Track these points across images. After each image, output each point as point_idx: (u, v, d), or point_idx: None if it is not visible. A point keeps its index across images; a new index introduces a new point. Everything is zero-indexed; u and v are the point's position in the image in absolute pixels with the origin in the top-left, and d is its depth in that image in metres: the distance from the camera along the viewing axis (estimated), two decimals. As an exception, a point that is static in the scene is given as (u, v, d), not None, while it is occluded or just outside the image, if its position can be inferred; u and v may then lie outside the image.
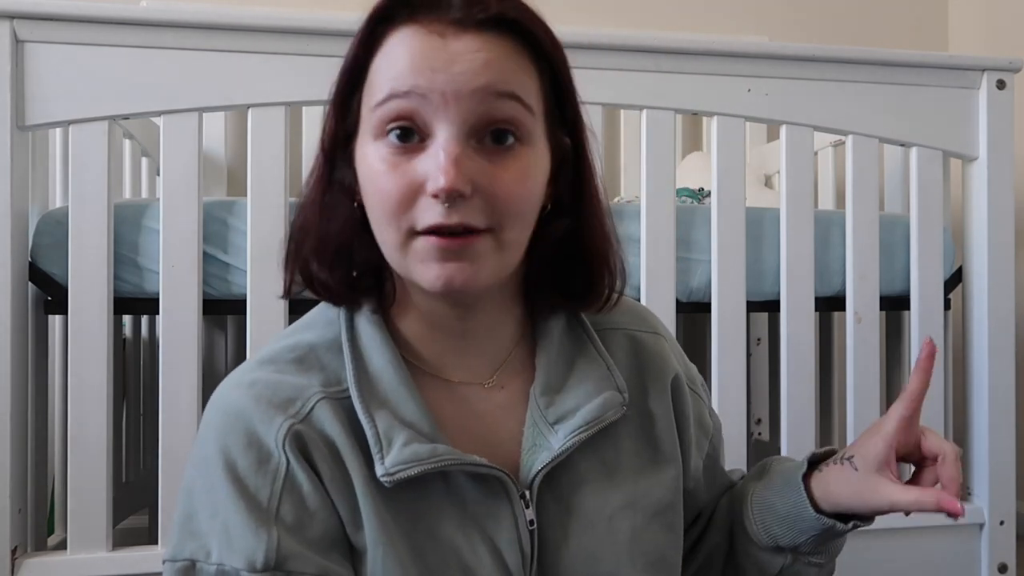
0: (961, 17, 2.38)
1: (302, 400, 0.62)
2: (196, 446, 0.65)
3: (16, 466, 1.13)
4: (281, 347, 0.67)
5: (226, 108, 1.20)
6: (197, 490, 0.63)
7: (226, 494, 0.61)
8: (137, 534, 1.61)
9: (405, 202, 0.58)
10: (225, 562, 0.60)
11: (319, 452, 0.61)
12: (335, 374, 0.64)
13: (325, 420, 0.62)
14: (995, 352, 1.41)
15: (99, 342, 1.14)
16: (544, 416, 0.65)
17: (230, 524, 0.60)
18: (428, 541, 0.62)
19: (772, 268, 1.36)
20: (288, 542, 0.60)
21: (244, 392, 0.63)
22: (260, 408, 0.62)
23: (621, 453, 0.69)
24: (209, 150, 1.85)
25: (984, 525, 1.39)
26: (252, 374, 0.65)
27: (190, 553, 0.61)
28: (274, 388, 0.63)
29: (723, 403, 1.32)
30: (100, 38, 1.14)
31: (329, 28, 1.20)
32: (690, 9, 2.26)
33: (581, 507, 0.66)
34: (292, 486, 0.61)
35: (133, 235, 1.19)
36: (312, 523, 0.61)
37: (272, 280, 1.18)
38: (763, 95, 1.33)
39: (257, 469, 0.61)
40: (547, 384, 0.67)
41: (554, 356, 0.68)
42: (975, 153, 1.41)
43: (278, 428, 0.61)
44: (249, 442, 0.61)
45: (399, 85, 0.58)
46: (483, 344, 0.68)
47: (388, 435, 0.61)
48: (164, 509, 1.16)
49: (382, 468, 0.60)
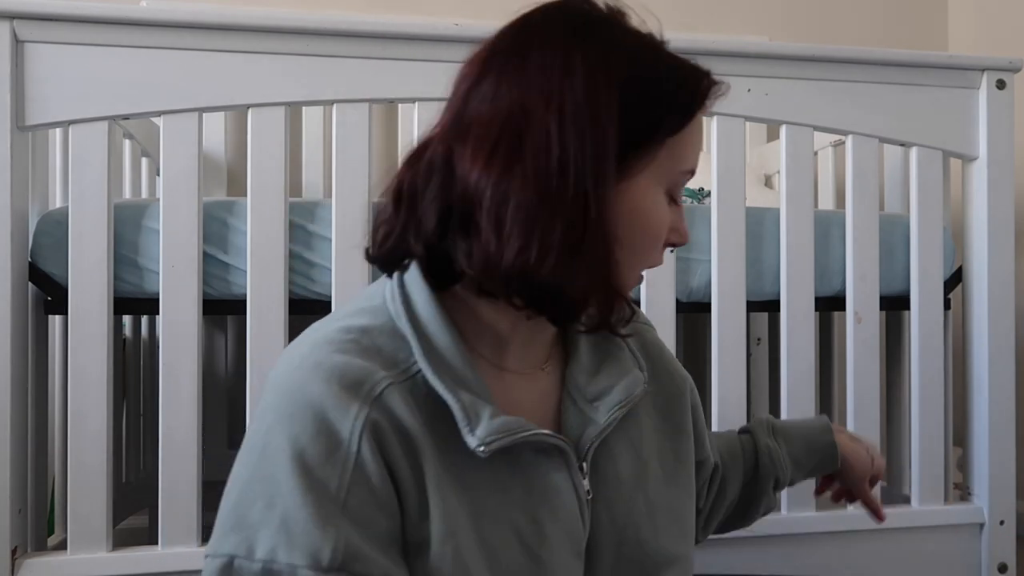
0: (961, 17, 2.38)
1: (371, 383, 0.60)
2: (253, 433, 0.61)
3: (16, 466, 1.13)
4: (335, 329, 0.64)
5: (226, 108, 1.20)
6: (251, 479, 0.59)
7: (290, 485, 0.57)
8: (137, 534, 1.61)
9: (661, 244, 0.68)
10: (278, 559, 0.56)
11: (391, 439, 0.60)
12: (392, 357, 0.63)
13: (395, 404, 0.60)
14: (995, 352, 1.41)
15: (99, 342, 1.14)
16: (584, 395, 0.70)
17: (291, 517, 0.57)
18: (491, 523, 0.63)
19: (772, 268, 1.36)
20: (355, 540, 0.57)
21: (311, 374, 0.60)
22: (331, 392, 0.59)
23: (643, 430, 0.74)
24: (209, 150, 1.85)
25: (984, 525, 1.39)
26: (315, 355, 0.61)
27: (231, 548, 0.58)
28: (342, 370, 0.60)
29: (723, 403, 1.32)
30: (100, 38, 1.14)
31: (329, 28, 1.20)
32: (690, 9, 2.26)
33: (617, 479, 0.70)
34: (362, 477, 0.58)
35: (133, 235, 1.19)
36: (378, 519, 0.59)
37: (272, 280, 1.18)
38: (763, 95, 1.33)
39: (327, 458, 0.58)
40: (583, 367, 0.71)
41: (585, 341, 0.73)
42: (975, 153, 1.41)
43: (354, 417, 0.58)
44: (319, 429, 0.58)
45: (694, 166, 0.67)
46: (545, 338, 0.71)
47: (474, 408, 0.61)
48: (164, 509, 1.16)
49: (475, 439, 0.60)
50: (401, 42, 1.22)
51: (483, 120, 0.61)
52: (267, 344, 1.18)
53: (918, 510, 1.38)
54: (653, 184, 0.64)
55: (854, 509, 1.36)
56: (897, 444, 1.54)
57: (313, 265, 1.23)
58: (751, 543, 1.31)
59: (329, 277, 1.21)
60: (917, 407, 1.40)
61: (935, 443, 1.40)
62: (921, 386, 1.39)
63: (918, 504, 1.39)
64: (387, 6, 2.09)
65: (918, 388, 1.39)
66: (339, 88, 1.21)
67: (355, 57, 1.21)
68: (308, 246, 1.23)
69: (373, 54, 1.21)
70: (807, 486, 1.34)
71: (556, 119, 0.59)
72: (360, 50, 1.21)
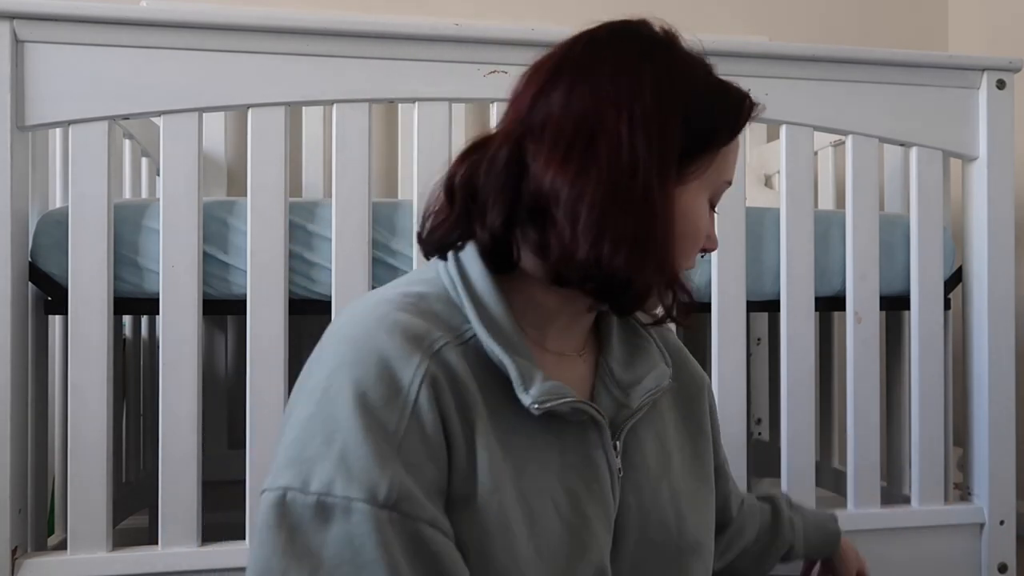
0: (961, 17, 2.38)
1: (431, 339, 0.64)
2: (312, 377, 0.64)
3: (16, 466, 1.13)
4: (393, 293, 0.68)
5: (226, 108, 1.20)
6: (310, 418, 0.62)
7: (351, 423, 0.60)
8: (137, 534, 1.61)
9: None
10: (335, 491, 0.58)
11: (447, 394, 0.63)
12: (447, 322, 0.67)
13: (453, 361, 0.64)
14: (995, 352, 1.41)
15: (99, 342, 1.14)
16: (617, 382, 0.74)
17: (351, 453, 0.59)
18: (531, 487, 0.66)
19: (772, 268, 1.36)
20: (408, 482, 0.59)
21: (375, 326, 0.64)
22: (395, 342, 0.62)
23: (666, 423, 0.79)
24: (209, 150, 1.85)
25: (984, 525, 1.39)
26: (377, 311, 0.65)
27: (286, 482, 0.60)
28: (405, 325, 0.64)
29: (723, 403, 1.32)
30: (100, 38, 1.14)
31: (329, 28, 1.20)
32: (690, 9, 2.26)
33: (644, 465, 0.75)
34: (417, 425, 0.61)
35: (133, 235, 1.19)
36: (428, 468, 0.61)
37: (272, 280, 1.18)
38: (763, 95, 1.32)
39: (388, 402, 0.61)
40: (616, 356, 0.76)
41: (617, 334, 0.78)
42: (975, 153, 1.41)
43: (416, 366, 0.62)
44: (381, 374, 0.61)
45: (732, 177, 0.73)
46: (583, 325, 0.76)
47: (528, 371, 0.66)
48: (164, 509, 1.16)
49: (529, 397, 0.64)
50: (401, 42, 1.22)
51: (557, 123, 0.66)
52: (267, 344, 1.18)
53: (918, 510, 1.38)
54: (701, 190, 0.70)
55: (854, 509, 1.37)
56: (897, 444, 1.54)
57: (313, 265, 1.23)
58: (751, 543, 1.31)
59: (329, 277, 1.21)
60: (917, 407, 1.40)
61: (935, 443, 1.40)
62: (921, 386, 1.39)
63: (918, 504, 1.39)
64: (387, 6, 2.09)
65: (918, 388, 1.39)
66: (339, 88, 1.21)
67: (355, 57, 1.21)
68: (308, 246, 1.23)
69: (373, 54, 1.21)
70: (806, 485, 1.35)
71: (627, 125, 0.65)
72: (360, 50, 1.21)
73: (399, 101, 1.25)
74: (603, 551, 0.69)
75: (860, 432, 1.37)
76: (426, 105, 1.23)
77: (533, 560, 0.64)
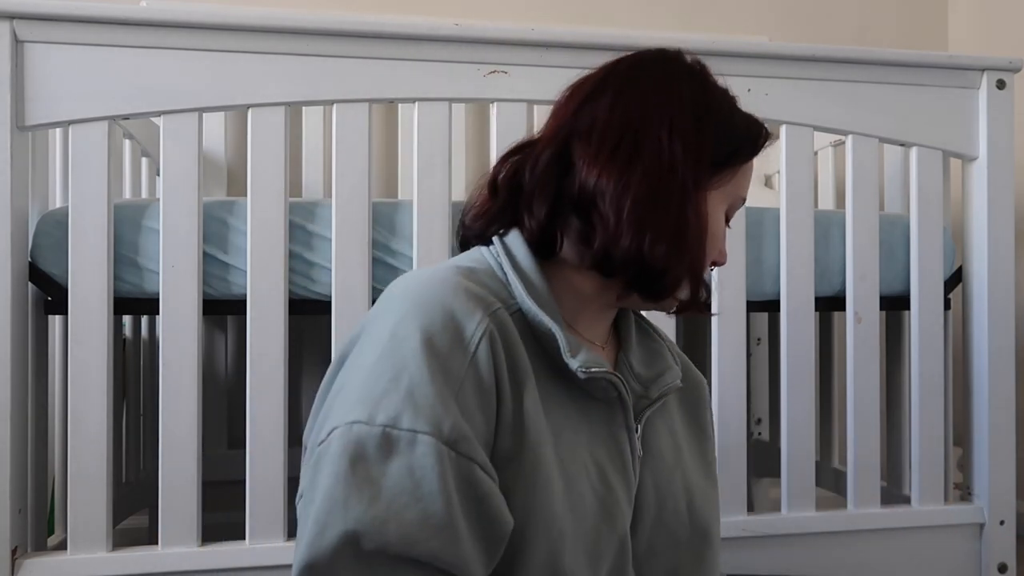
0: (961, 17, 2.38)
1: (489, 301, 0.69)
2: (377, 326, 0.68)
3: (16, 466, 1.13)
4: (449, 264, 0.75)
5: (226, 108, 1.20)
6: (378, 360, 0.65)
7: (419, 362, 0.63)
8: (137, 534, 1.61)
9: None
10: (401, 424, 0.61)
11: (501, 350, 0.67)
12: (497, 293, 0.71)
13: (507, 322, 0.69)
14: (995, 352, 1.41)
15: (99, 342, 1.14)
16: (636, 376, 0.80)
17: (418, 390, 0.62)
18: (567, 452, 0.70)
19: (772, 268, 1.36)
20: (464, 425, 0.63)
21: (440, 284, 0.68)
22: (459, 296, 0.67)
23: (676, 422, 0.84)
24: (209, 150, 1.85)
25: (984, 525, 1.39)
26: (438, 275, 0.70)
27: (354, 417, 0.63)
28: (466, 287, 0.69)
29: (723, 403, 1.32)
30: (100, 38, 1.15)
31: (329, 28, 1.20)
32: (690, 9, 2.26)
33: (660, 454, 0.79)
34: (475, 374, 0.65)
35: (133, 235, 1.19)
36: (478, 417, 0.65)
37: (272, 280, 1.18)
38: (763, 95, 1.33)
39: (452, 349, 0.65)
40: (634, 353, 0.82)
41: (635, 333, 0.84)
42: (975, 153, 1.41)
43: (479, 320, 0.67)
44: (446, 322, 0.65)
45: (746, 195, 0.80)
46: (608, 319, 0.81)
47: (573, 340, 0.71)
48: (164, 509, 1.16)
49: (576, 362, 0.70)
50: (401, 42, 1.23)
51: (604, 126, 0.73)
52: (267, 344, 1.18)
53: (918, 510, 1.39)
54: (722, 200, 0.77)
55: (854, 509, 1.37)
56: (897, 444, 1.54)
57: (313, 265, 1.23)
58: (751, 543, 1.31)
59: (329, 277, 1.21)
60: (917, 407, 1.40)
61: (935, 443, 1.40)
62: (921, 386, 1.39)
63: (918, 504, 1.39)
64: (387, 6, 2.09)
65: (918, 388, 1.39)
66: (339, 88, 1.21)
67: (355, 57, 1.21)
68: (308, 246, 1.23)
69: (373, 54, 1.21)
70: (806, 485, 1.35)
71: (667, 132, 0.72)
72: (360, 50, 1.21)
73: (399, 101, 1.25)
74: (626, 523, 0.73)
75: (860, 432, 1.37)
76: (426, 105, 1.23)
77: (568, 518, 0.68)
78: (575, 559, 0.68)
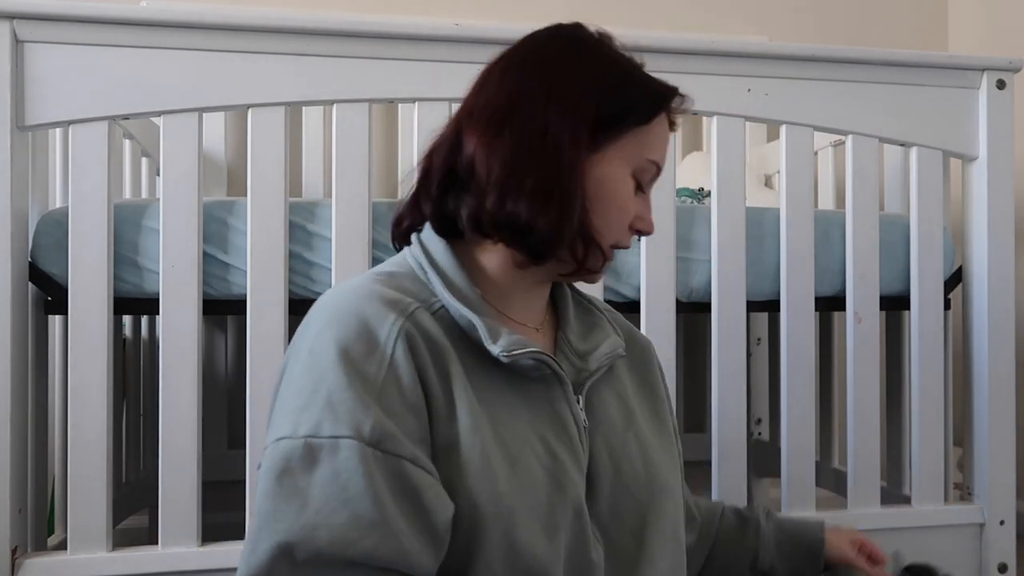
0: (961, 17, 2.38)
1: (404, 303, 0.71)
2: (299, 344, 0.71)
3: (16, 466, 1.13)
4: (368, 273, 0.77)
5: (226, 108, 1.20)
6: (299, 376, 0.68)
7: (336, 372, 0.66)
8: (137, 534, 1.61)
9: (627, 224, 0.79)
10: (322, 432, 0.64)
11: (422, 348, 0.69)
12: (416, 295, 0.74)
13: (425, 321, 0.71)
14: (995, 352, 1.41)
15: (99, 342, 1.14)
16: (574, 350, 0.81)
17: (336, 397, 0.65)
18: (508, 432, 0.72)
19: (772, 268, 1.36)
20: (388, 423, 0.65)
21: (353, 294, 0.71)
22: (373, 305, 0.70)
23: (627, 390, 0.86)
24: (209, 150, 1.85)
25: (984, 525, 1.39)
26: (354, 284, 0.73)
27: (279, 434, 0.65)
28: (381, 293, 0.71)
29: (723, 403, 1.32)
30: (100, 38, 1.15)
31: (329, 28, 1.20)
32: (690, 9, 2.26)
33: (610, 420, 0.81)
34: (395, 376, 0.67)
35: (133, 235, 1.19)
36: (406, 415, 0.67)
37: (272, 280, 1.18)
38: (763, 95, 1.33)
39: (368, 355, 0.67)
40: (572, 329, 0.83)
41: (573, 311, 0.85)
42: (975, 153, 1.41)
43: (392, 323, 0.69)
44: (361, 331, 0.68)
45: (661, 161, 0.80)
46: (541, 299, 0.83)
47: (494, 327, 0.73)
48: (164, 509, 1.16)
49: (497, 347, 0.71)
50: (401, 42, 1.22)
51: (488, 103, 0.76)
52: (267, 344, 1.18)
53: (918, 510, 1.39)
54: (620, 161, 0.77)
55: (854, 509, 1.37)
56: (897, 444, 1.54)
57: (313, 265, 1.23)
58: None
59: (329, 277, 1.21)
60: (917, 407, 1.40)
61: (935, 443, 1.40)
62: (921, 386, 1.39)
63: (918, 504, 1.39)
64: (387, 6, 2.09)
65: (918, 388, 1.39)
66: (339, 88, 1.21)
67: (355, 57, 1.21)
68: (308, 246, 1.23)
69: (373, 54, 1.21)
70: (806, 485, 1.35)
71: (543, 100, 0.74)
72: (360, 50, 1.21)
73: (399, 101, 1.25)
74: (579, 491, 0.74)
75: (860, 432, 1.37)
76: (426, 105, 1.23)
77: (518, 496, 0.69)
78: (531, 533, 0.69)
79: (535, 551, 0.69)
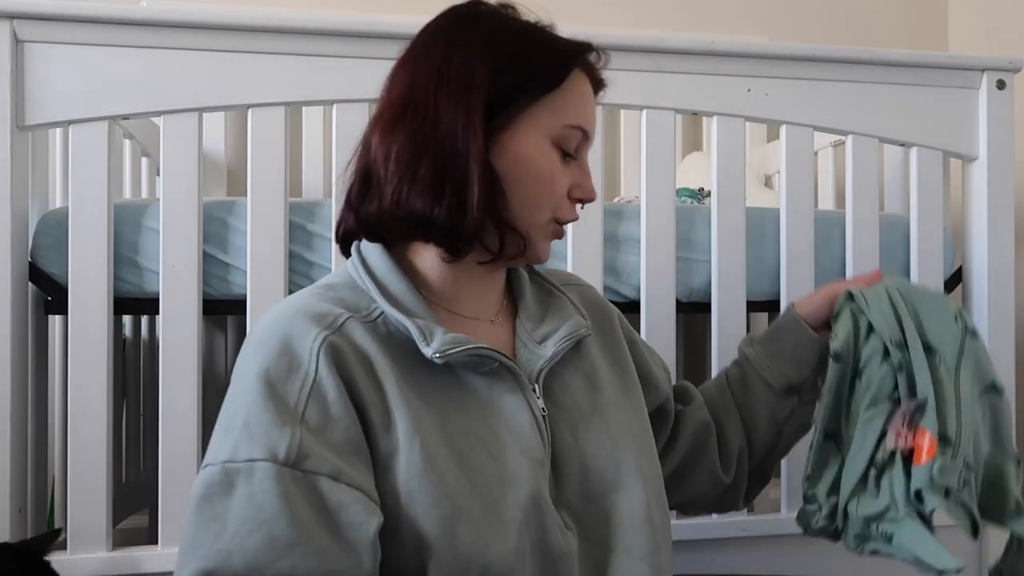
0: (961, 17, 2.38)
1: (333, 316, 0.71)
2: (235, 371, 0.71)
3: (16, 466, 1.13)
4: (306, 289, 0.77)
5: (226, 108, 1.20)
6: (227, 405, 0.69)
7: (254, 395, 0.66)
8: (137, 534, 1.61)
9: (562, 196, 0.77)
10: (238, 456, 0.64)
11: (351, 360, 0.69)
12: (354, 305, 0.73)
13: (355, 331, 0.71)
14: (995, 352, 1.40)
15: (99, 342, 1.14)
16: (532, 337, 0.80)
17: (253, 421, 0.65)
18: (456, 431, 0.71)
19: (772, 268, 1.36)
20: (309, 442, 0.65)
21: (279, 313, 0.72)
22: (296, 321, 0.70)
23: (597, 367, 0.83)
24: (209, 150, 1.85)
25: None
26: (286, 302, 0.74)
27: (205, 463, 0.66)
28: (308, 307, 0.71)
29: (723, 403, 1.31)
30: (100, 38, 1.15)
31: (329, 28, 1.20)
32: (690, 9, 2.26)
33: (575, 405, 0.79)
34: (319, 393, 0.67)
35: (133, 235, 1.19)
36: (334, 429, 0.66)
37: (272, 280, 1.18)
38: (763, 95, 1.33)
39: (288, 375, 0.67)
40: (530, 315, 0.82)
41: (531, 296, 0.84)
42: (975, 153, 1.41)
43: (313, 338, 0.68)
44: (282, 351, 0.68)
45: (585, 124, 0.77)
46: (494, 291, 0.82)
47: (429, 328, 0.71)
48: (164, 509, 1.16)
49: (430, 349, 0.70)
50: (401, 42, 1.21)
51: (389, 101, 0.76)
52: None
53: (918, 510, 1.38)
54: (534, 133, 0.74)
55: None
56: (897, 444, 1.54)
57: (313, 265, 1.23)
58: (751, 543, 1.31)
59: (329, 277, 1.21)
60: (917, 407, 1.39)
61: (935, 443, 1.39)
62: (921, 386, 1.39)
63: (918, 504, 1.39)
64: (387, 6, 2.09)
65: (918, 388, 1.39)
66: (339, 88, 1.21)
67: (355, 57, 1.21)
68: (308, 246, 1.23)
69: (373, 54, 1.21)
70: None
71: (434, 88, 0.73)
72: (360, 50, 1.21)
73: (399, 101, 1.25)
74: (536, 483, 0.73)
75: (860, 432, 1.36)
76: (426, 105, 1.23)
77: (468, 492, 0.69)
78: (486, 530, 0.68)
79: (491, 547, 0.68)
